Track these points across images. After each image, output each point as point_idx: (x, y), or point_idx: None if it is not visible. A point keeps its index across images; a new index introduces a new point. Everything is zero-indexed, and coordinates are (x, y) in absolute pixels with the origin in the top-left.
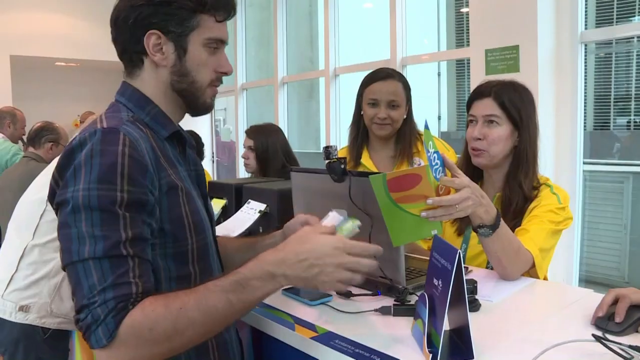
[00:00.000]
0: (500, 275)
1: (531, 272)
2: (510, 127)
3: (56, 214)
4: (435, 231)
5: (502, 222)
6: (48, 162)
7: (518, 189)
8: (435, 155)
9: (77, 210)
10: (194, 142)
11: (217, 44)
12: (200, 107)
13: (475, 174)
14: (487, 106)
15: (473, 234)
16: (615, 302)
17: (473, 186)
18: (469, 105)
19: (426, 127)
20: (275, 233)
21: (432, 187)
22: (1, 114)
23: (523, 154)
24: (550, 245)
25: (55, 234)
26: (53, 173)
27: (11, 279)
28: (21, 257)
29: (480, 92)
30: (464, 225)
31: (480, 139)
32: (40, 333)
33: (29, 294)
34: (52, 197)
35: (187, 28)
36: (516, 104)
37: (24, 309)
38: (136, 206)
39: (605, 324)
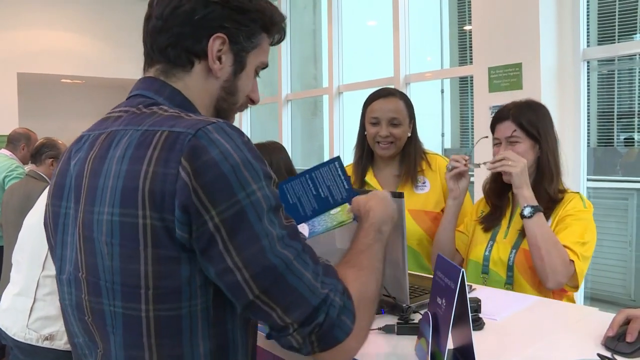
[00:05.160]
0: (540, 274)
1: (572, 279)
2: (531, 142)
3: (214, 231)
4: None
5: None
6: (49, 178)
7: (545, 195)
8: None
9: (260, 217)
10: None
11: (262, 69)
12: None
13: (506, 188)
14: (507, 128)
15: (500, 234)
16: (627, 322)
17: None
18: (492, 128)
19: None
20: None
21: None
22: (16, 136)
23: (545, 163)
24: (589, 254)
25: None
26: (196, 190)
27: (32, 309)
28: (36, 288)
29: (500, 117)
30: (491, 224)
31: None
32: None
33: (51, 324)
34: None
35: (251, 44)
36: (533, 121)
37: (48, 338)
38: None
39: (615, 344)
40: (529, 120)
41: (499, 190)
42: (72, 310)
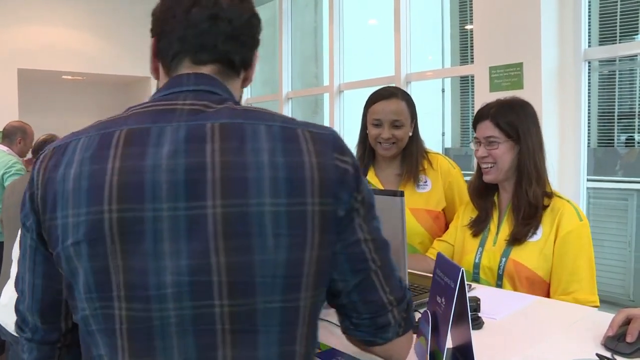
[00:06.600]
0: None
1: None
2: (510, 143)
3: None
4: None
5: None
6: None
7: (524, 197)
8: None
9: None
10: None
11: None
12: None
13: (489, 187)
14: (486, 128)
15: (489, 241)
16: (627, 322)
17: None
18: (474, 127)
19: None
20: None
21: None
22: (12, 130)
23: (524, 165)
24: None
25: None
26: (353, 176)
27: None
28: None
29: (480, 115)
30: (479, 227)
31: (486, 156)
32: None
33: None
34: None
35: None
36: (513, 122)
37: None
38: None
39: (615, 344)
40: (508, 121)
41: (482, 190)
42: (178, 328)
